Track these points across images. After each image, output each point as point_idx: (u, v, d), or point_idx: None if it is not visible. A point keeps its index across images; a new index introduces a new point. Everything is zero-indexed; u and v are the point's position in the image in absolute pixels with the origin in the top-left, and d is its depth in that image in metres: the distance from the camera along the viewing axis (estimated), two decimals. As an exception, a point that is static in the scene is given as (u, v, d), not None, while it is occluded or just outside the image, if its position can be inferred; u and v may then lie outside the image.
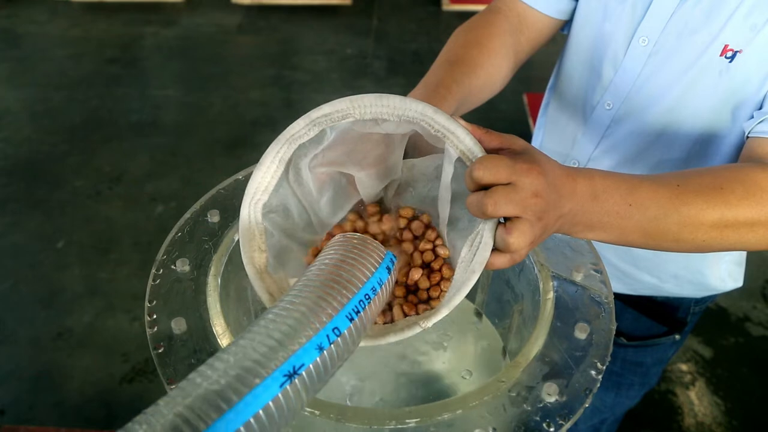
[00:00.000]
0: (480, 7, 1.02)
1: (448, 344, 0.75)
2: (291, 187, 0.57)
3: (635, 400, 1.11)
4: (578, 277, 0.62)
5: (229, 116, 3.04)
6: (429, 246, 0.56)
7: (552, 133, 0.97)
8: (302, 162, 0.56)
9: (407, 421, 0.48)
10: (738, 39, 0.70)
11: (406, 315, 0.54)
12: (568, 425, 0.49)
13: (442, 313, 0.51)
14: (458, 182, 0.53)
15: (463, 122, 0.51)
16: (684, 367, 1.95)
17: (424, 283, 0.54)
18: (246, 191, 0.55)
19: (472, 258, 0.50)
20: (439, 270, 0.55)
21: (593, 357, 0.54)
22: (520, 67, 0.88)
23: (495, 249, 0.50)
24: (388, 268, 0.50)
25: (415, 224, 0.57)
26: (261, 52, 3.61)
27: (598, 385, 0.52)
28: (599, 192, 0.53)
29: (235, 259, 0.64)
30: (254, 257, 0.55)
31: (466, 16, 0.90)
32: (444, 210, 0.55)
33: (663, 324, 0.99)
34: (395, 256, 0.52)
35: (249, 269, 0.54)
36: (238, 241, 0.64)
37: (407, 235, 0.57)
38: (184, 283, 0.60)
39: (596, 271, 0.63)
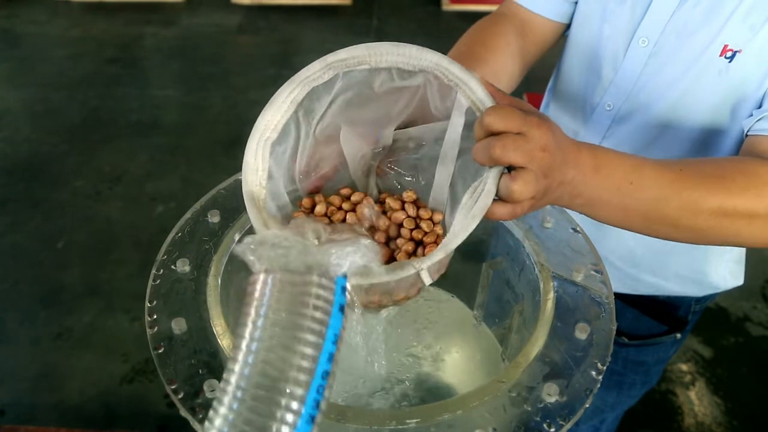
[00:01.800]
0: (480, 7, 1.02)
1: (448, 347, 0.76)
2: (297, 132, 0.56)
3: (636, 399, 1.11)
4: (578, 278, 0.61)
5: (229, 116, 3.04)
6: (426, 228, 0.56)
7: None
8: (315, 105, 0.55)
9: (407, 421, 0.48)
10: (737, 39, 0.70)
11: None
12: (568, 426, 0.49)
13: (438, 256, 0.49)
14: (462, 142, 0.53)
15: (477, 75, 0.51)
16: (684, 367, 1.95)
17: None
18: (255, 126, 0.54)
19: (473, 204, 0.49)
20: (435, 243, 0.54)
21: (594, 357, 0.54)
22: (523, 67, 0.88)
23: (497, 199, 0.49)
24: (341, 307, 0.40)
25: (398, 214, 0.56)
26: (261, 52, 3.60)
27: (599, 385, 0.52)
28: (602, 166, 0.53)
29: (235, 259, 0.64)
30: (254, 192, 0.54)
31: (466, 16, 0.90)
32: (447, 169, 0.54)
33: (664, 323, 0.99)
34: (345, 277, 0.42)
35: (248, 201, 0.53)
36: (238, 241, 0.64)
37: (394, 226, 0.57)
38: (185, 284, 0.60)
39: (596, 271, 0.63)
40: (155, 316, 0.57)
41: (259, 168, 0.54)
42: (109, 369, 1.87)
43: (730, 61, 0.71)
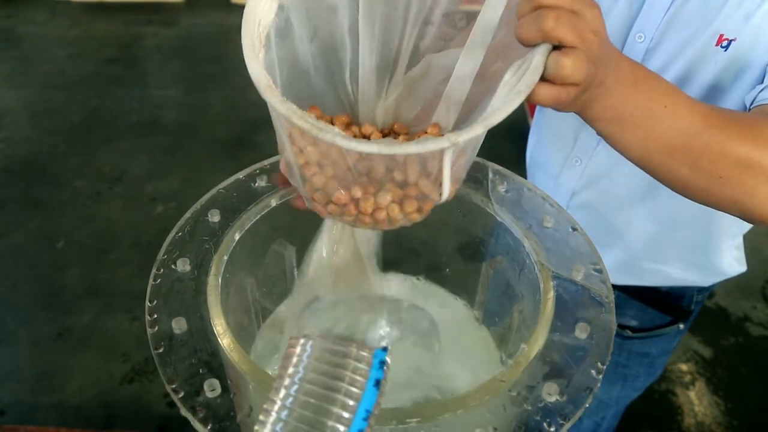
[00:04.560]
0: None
1: (447, 347, 0.75)
2: None
3: (640, 392, 1.12)
4: (579, 277, 0.61)
5: (229, 116, 3.04)
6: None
7: (551, 129, 0.98)
8: None
9: (408, 420, 0.48)
10: (732, 28, 0.71)
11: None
12: (568, 425, 0.49)
13: (476, 131, 0.43)
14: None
15: None
16: (684, 367, 1.95)
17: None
18: None
19: (518, 81, 0.43)
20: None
21: (594, 357, 0.54)
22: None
23: (543, 79, 0.44)
24: (377, 382, 0.39)
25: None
26: (261, 52, 3.60)
27: (599, 384, 0.52)
28: (641, 79, 0.51)
29: (235, 259, 0.64)
30: (255, 44, 0.49)
31: (467, 16, 0.90)
32: (472, 60, 0.48)
33: (668, 314, 0.99)
34: (385, 350, 0.40)
35: (247, 50, 0.49)
36: (238, 240, 0.65)
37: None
38: (185, 283, 0.60)
39: (596, 270, 0.63)
40: (155, 316, 0.57)
41: (261, 24, 0.49)
42: (109, 369, 1.87)
43: (725, 50, 0.71)
